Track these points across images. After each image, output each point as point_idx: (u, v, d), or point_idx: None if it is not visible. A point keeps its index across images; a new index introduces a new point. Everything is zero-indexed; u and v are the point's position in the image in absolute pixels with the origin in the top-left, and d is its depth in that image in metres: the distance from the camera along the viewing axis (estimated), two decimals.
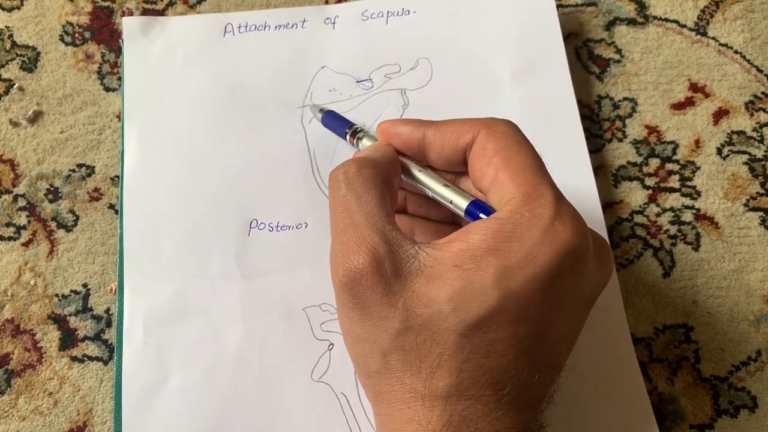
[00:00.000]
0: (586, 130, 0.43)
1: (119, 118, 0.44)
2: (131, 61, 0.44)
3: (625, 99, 0.45)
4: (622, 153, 0.44)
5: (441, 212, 0.37)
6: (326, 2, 0.47)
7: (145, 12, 0.47)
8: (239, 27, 0.45)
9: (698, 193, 0.43)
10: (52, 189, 0.42)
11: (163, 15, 0.46)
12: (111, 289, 0.40)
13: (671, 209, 0.43)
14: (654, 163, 0.44)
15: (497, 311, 0.27)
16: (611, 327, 0.39)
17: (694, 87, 0.46)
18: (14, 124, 0.44)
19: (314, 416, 0.37)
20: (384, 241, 0.29)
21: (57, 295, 0.40)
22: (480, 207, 0.31)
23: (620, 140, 0.44)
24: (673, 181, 0.44)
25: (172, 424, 0.36)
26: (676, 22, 0.47)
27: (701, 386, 0.39)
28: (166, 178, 0.41)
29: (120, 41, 0.45)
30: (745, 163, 0.44)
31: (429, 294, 0.28)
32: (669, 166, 0.44)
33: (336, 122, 0.41)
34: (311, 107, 0.43)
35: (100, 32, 0.46)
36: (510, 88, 0.44)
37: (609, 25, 0.47)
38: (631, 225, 0.43)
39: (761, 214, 0.43)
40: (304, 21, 0.46)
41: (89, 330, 0.40)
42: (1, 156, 0.43)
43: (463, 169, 0.33)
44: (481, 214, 0.31)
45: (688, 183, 0.44)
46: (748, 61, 0.46)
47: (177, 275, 0.39)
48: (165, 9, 0.47)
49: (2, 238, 0.41)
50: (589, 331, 0.33)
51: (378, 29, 0.46)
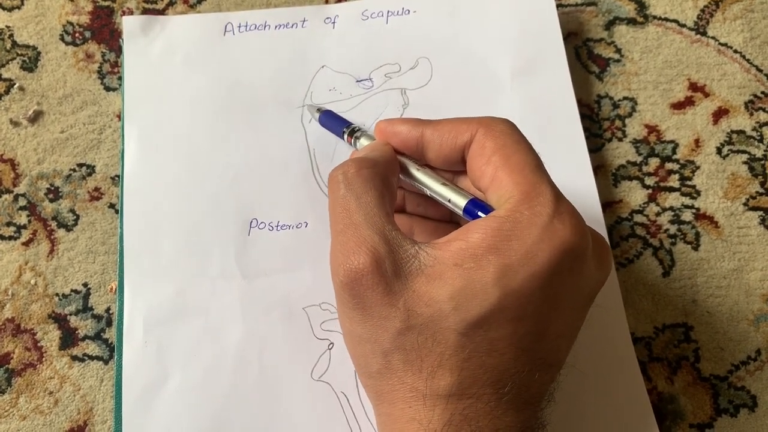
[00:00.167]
0: (585, 129, 0.43)
1: (119, 117, 0.44)
2: (131, 60, 0.44)
3: (625, 98, 0.45)
4: (621, 152, 0.44)
5: (440, 211, 0.37)
6: (326, 2, 0.47)
7: (145, 11, 0.47)
8: (239, 26, 0.45)
9: (698, 193, 0.43)
10: (52, 188, 0.42)
11: (163, 14, 0.46)
12: (111, 289, 0.40)
13: (671, 209, 0.43)
14: (654, 162, 0.44)
15: (498, 310, 0.27)
16: (611, 326, 0.39)
17: (693, 86, 0.46)
18: (15, 123, 0.44)
19: (314, 415, 0.37)
20: (384, 241, 0.29)
21: (57, 295, 0.40)
22: (478, 205, 0.31)
23: (620, 140, 0.44)
24: (673, 181, 0.44)
25: (172, 424, 0.36)
26: (675, 21, 0.47)
27: (701, 385, 0.39)
28: (167, 178, 0.41)
29: (120, 41, 0.45)
30: (744, 163, 0.44)
31: (429, 293, 0.28)
32: (669, 165, 0.44)
33: (333, 122, 0.41)
34: (308, 107, 0.43)
35: (101, 32, 0.46)
36: (510, 87, 0.44)
37: (609, 25, 0.47)
38: (631, 224, 0.43)
39: (761, 213, 0.43)
40: (304, 20, 0.46)
41: (89, 329, 0.40)
42: (2, 155, 0.43)
43: (461, 167, 0.33)
44: (480, 213, 0.31)
45: (688, 182, 0.44)
46: (748, 60, 0.46)
47: (177, 275, 0.39)
48: (165, 8, 0.47)
49: (3, 237, 0.41)
50: (589, 330, 0.33)
51: (378, 29, 0.46)
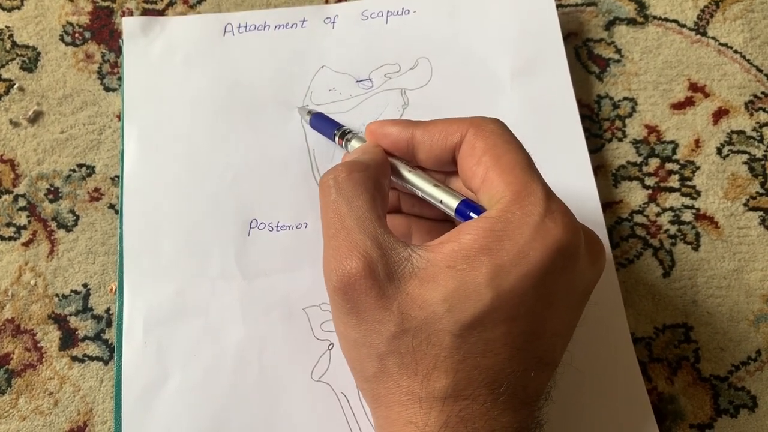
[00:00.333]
0: (585, 129, 0.43)
1: (119, 118, 0.44)
2: (131, 61, 0.44)
3: (625, 99, 0.45)
4: (621, 153, 0.44)
5: (436, 210, 0.37)
6: (326, 2, 0.47)
7: (145, 12, 0.47)
8: (239, 27, 0.45)
9: (698, 193, 0.43)
10: (52, 189, 0.42)
11: (163, 15, 0.46)
12: (111, 289, 0.40)
13: (671, 209, 0.43)
14: (654, 162, 0.44)
15: (491, 310, 0.27)
16: (611, 326, 0.39)
17: (693, 87, 0.46)
18: (14, 124, 0.44)
19: (314, 416, 0.37)
20: (376, 245, 0.29)
21: (57, 295, 0.40)
22: (470, 206, 0.31)
23: (620, 140, 0.44)
24: (673, 181, 0.44)
25: (172, 424, 0.36)
26: (675, 21, 0.47)
27: (701, 386, 0.39)
28: (166, 178, 0.41)
29: (120, 41, 0.45)
30: (744, 163, 0.44)
31: (423, 296, 0.28)
32: (669, 165, 0.44)
33: (324, 124, 0.40)
34: (299, 110, 0.43)
35: (100, 32, 0.46)
36: (510, 87, 0.44)
37: (609, 25, 0.47)
38: (631, 225, 0.43)
39: (761, 213, 0.43)
40: (303, 21, 0.46)
41: (89, 330, 0.40)
42: (2, 156, 0.43)
43: (452, 168, 0.33)
44: (472, 214, 0.31)
45: (688, 183, 0.44)
46: (748, 60, 0.46)
47: (177, 275, 0.39)
48: (165, 9, 0.47)
49: (2, 238, 0.41)
50: (589, 331, 0.33)
51: (378, 29, 0.46)
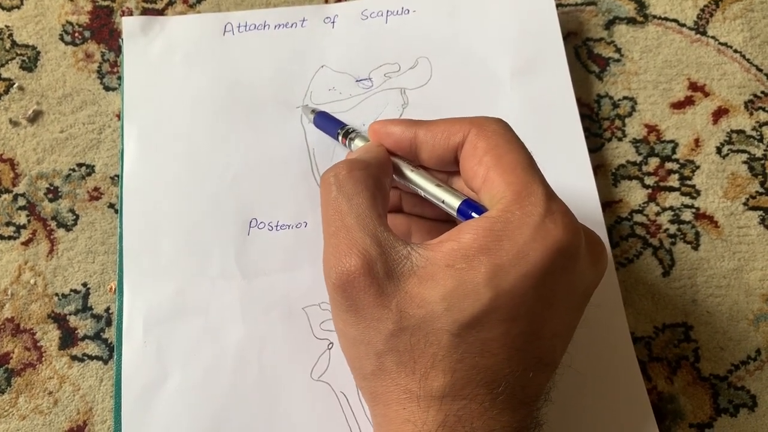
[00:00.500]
0: (585, 129, 0.43)
1: (119, 117, 0.44)
2: (131, 60, 0.44)
3: (625, 98, 0.45)
4: (621, 152, 0.44)
5: (436, 210, 0.37)
6: (326, 1, 0.47)
7: (144, 11, 0.47)
8: (239, 26, 0.45)
9: (698, 192, 0.43)
10: (51, 188, 0.42)
11: (162, 14, 0.46)
12: (111, 289, 0.40)
13: (671, 208, 0.43)
14: (653, 162, 0.44)
15: (490, 310, 0.27)
16: (611, 326, 0.39)
17: (693, 86, 0.46)
18: (14, 123, 0.44)
19: (314, 415, 0.37)
20: (375, 243, 0.29)
21: (57, 295, 0.40)
22: (472, 206, 0.31)
23: (620, 139, 0.44)
24: (673, 180, 0.44)
25: (171, 423, 0.36)
26: (675, 21, 0.47)
27: (701, 385, 0.39)
28: (166, 178, 0.41)
29: (120, 41, 0.45)
30: (744, 162, 0.44)
31: (422, 294, 0.28)
32: (668, 165, 0.44)
33: (328, 123, 0.40)
34: (303, 108, 0.43)
35: (100, 32, 0.46)
36: (510, 87, 0.44)
37: (608, 25, 0.47)
38: (631, 224, 0.43)
39: (761, 213, 0.43)
40: (303, 20, 0.46)
41: (89, 329, 0.40)
42: (1, 155, 0.43)
43: (455, 168, 0.33)
44: (473, 214, 0.31)
45: (688, 182, 0.44)
46: (748, 60, 0.46)
47: (177, 274, 0.39)
48: (165, 8, 0.47)
49: (2, 237, 0.41)
50: (588, 330, 0.33)
51: (377, 28, 0.46)
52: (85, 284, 0.40)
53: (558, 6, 0.46)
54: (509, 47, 0.45)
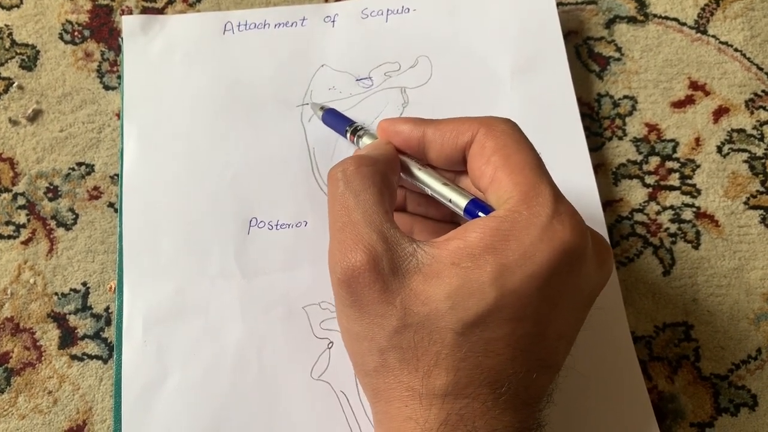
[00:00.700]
0: (586, 128, 0.43)
1: (119, 116, 0.44)
2: (131, 59, 0.44)
3: (625, 97, 0.45)
4: (622, 151, 0.44)
5: (440, 211, 0.37)
6: (326, 0, 0.47)
7: (144, 10, 0.46)
8: (239, 25, 0.45)
9: (698, 191, 0.43)
10: (51, 187, 0.42)
11: (162, 13, 0.46)
12: (110, 288, 0.40)
13: (671, 207, 0.43)
14: (654, 161, 0.44)
15: (495, 309, 0.27)
16: (611, 325, 0.39)
17: (694, 85, 0.46)
18: (14, 122, 0.44)
19: (314, 414, 0.37)
20: (382, 239, 0.29)
21: (56, 294, 0.40)
22: (479, 206, 0.31)
23: (620, 138, 0.44)
24: (673, 180, 0.43)
25: (171, 423, 0.36)
26: (676, 20, 0.47)
27: (701, 384, 0.39)
28: (166, 177, 0.41)
29: (119, 39, 0.45)
30: (745, 161, 0.44)
31: (426, 292, 0.28)
32: (669, 164, 0.44)
33: (337, 120, 0.41)
34: (312, 105, 0.43)
35: (100, 31, 0.46)
36: (510, 86, 0.44)
37: (609, 23, 0.47)
38: (631, 223, 0.42)
39: (761, 212, 0.43)
40: (303, 19, 0.46)
41: (89, 328, 0.40)
42: (1, 154, 0.43)
43: (462, 167, 0.33)
44: (480, 213, 0.31)
45: (688, 181, 0.43)
46: (749, 59, 0.46)
47: (176, 274, 0.39)
48: (164, 7, 0.47)
49: (2, 236, 0.41)
50: (588, 330, 0.33)
51: (378, 27, 0.46)
52: (84, 283, 0.40)
53: (558, 5, 0.46)
54: (509, 46, 0.45)
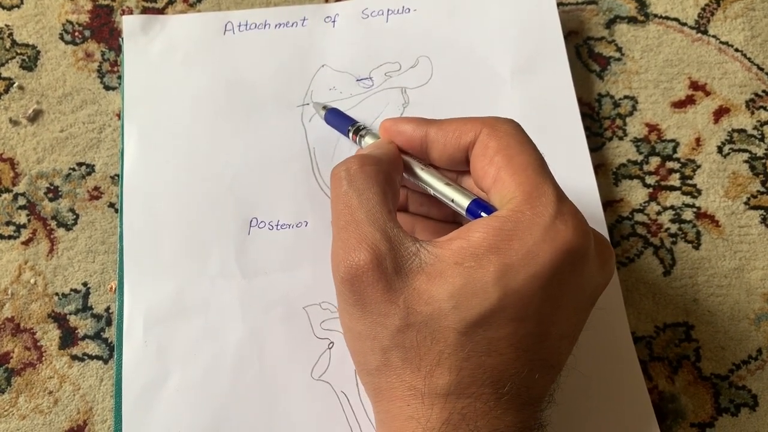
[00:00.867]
0: (586, 128, 0.43)
1: (119, 116, 0.44)
2: (131, 59, 0.44)
3: (626, 97, 0.45)
4: (622, 151, 0.44)
5: (442, 211, 0.37)
6: (326, 1, 0.47)
7: (144, 10, 0.46)
8: (239, 25, 0.45)
9: (699, 192, 0.43)
10: (52, 188, 0.42)
11: (162, 13, 0.46)
12: (111, 288, 0.40)
13: (672, 207, 0.43)
14: (654, 161, 0.44)
15: (498, 309, 0.27)
16: (612, 326, 0.39)
17: (694, 85, 0.46)
18: (14, 122, 0.44)
19: (314, 415, 0.37)
20: (385, 239, 0.29)
21: (57, 294, 0.40)
22: (481, 206, 0.31)
23: (621, 138, 0.44)
24: (674, 180, 0.43)
25: (172, 423, 0.36)
26: (676, 20, 0.47)
27: (702, 385, 0.39)
28: (166, 177, 0.41)
29: (120, 40, 0.45)
30: (745, 162, 0.44)
31: (429, 291, 0.28)
32: (669, 164, 0.44)
33: (339, 120, 0.41)
34: (314, 104, 0.43)
35: (100, 31, 0.46)
36: (510, 86, 0.44)
37: (609, 24, 0.47)
38: (632, 223, 0.42)
39: (762, 212, 0.43)
40: (304, 19, 0.46)
41: (89, 329, 0.40)
42: (1, 155, 0.43)
43: (465, 167, 0.33)
44: (483, 213, 0.31)
45: (689, 181, 0.43)
46: (749, 59, 0.46)
47: (177, 274, 0.39)
48: (165, 7, 0.47)
49: (2, 236, 0.41)
50: (589, 330, 0.33)
51: (378, 27, 0.46)
52: (85, 284, 0.40)
53: (559, 5, 0.46)
54: (510, 46, 0.45)
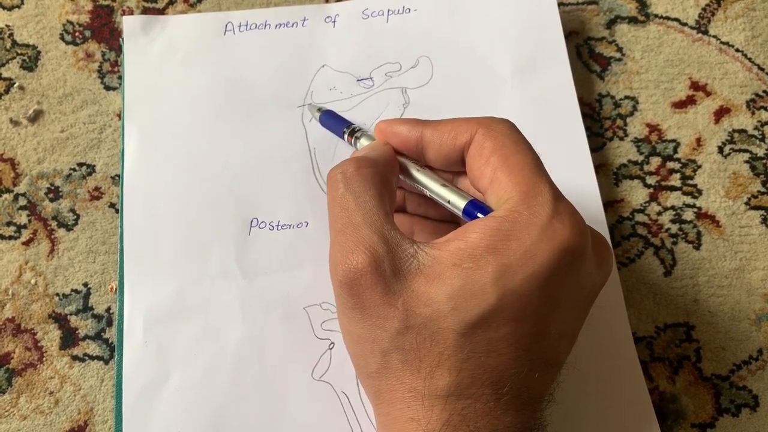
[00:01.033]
0: (587, 128, 0.43)
1: (119, 117, 0.44)
2: (131, 59, 0.44)
3: (626, 97, 0.45)
4: (623, 151, 0.44)
5: (440, 211, 0.37)
6: (326, 1, 0.47)
7: (145, 11, 0.46)
8: (239, 26, 0.45)
9: (699, 192, 0.43)
10: (52, 188, 0.42)
11: (163, 14, 0.46)
12: (111, 288, 0.40)
13: (672, 208, 0.43)
14: (655, 161, 0.44)
15: (496, 310, 0.27)
16: (612, 326, 0.39)
17: (695, 85, 0.46)
18: (15, 123, 0.44)
19: (315, 415, 0.37)
20: (383, 241, 0.29)
21: (58, 294, 0.40)
22: (478, 207, 0.31)
23: (621, 139, 0.44)
24: (674, 180, 0.43)
25: (172, 423, 0.36)
26: (677, 20, 0.47)
27: (702, 385, 0.39)
28: (167, 177, 0.41)
29: (120, 40, 0.45)
30: (746, 162, 0.44)
31: (428, 293, 0.28)
32: (670, 164, 0.44)
33: (334, 122, 0.40)
34: (309, 107, 0.43)
35: (101, 31, 0.46)
36: (511, 86, 0.44)
37: (610, 24, 0.47)
38: (632, 224, 0.42)
39: (762, 212, 0.43)
40: (304, 19, 0.46)
41: (90, 329, 0.40)
42: (2, 155, 0.43)
43: (461, 168, 0.33)
44: (479, 214, 0.31)
45: (689, 181, 0.43)
46: (750, 59, 0.46)
47: (177, 274, 0.39)
48: (165, 8, 0.47)
49: (3, 237, 0.41)
50: (590, 330, 0.33)
51: (378, 27, 0.46)
52: (85, 284, 0.40)
53: (559, 5, 0.46)
54: (510, 46, 0.45)
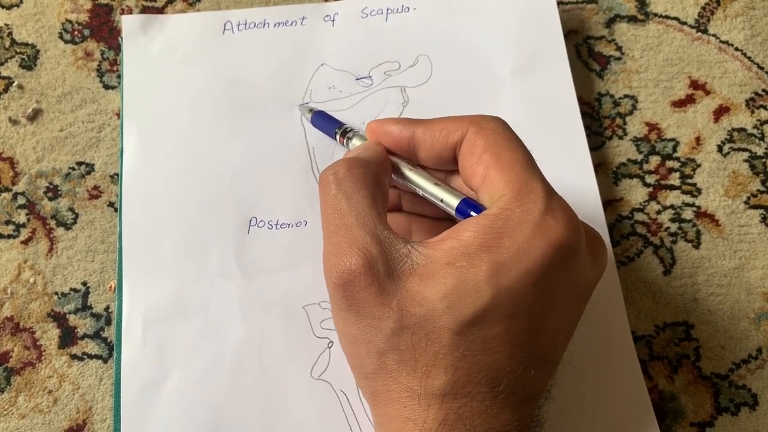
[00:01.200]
0: (586, 127, 0.43)
1: (118, 115, 0.44)
2: (131, 58, 0.44)
3: (626, 96, 0.45)
4: (622, 150, 0.44)
5: (436, 209, 0.37)
6: (326, 0, 0.47)
7: (144, 10, 0.46)
8: (238, 24, 0.45)
9: (699, 191, 0.43)
10: (51, 187, 0.42)
11: (162, 12, 0.46)
12: (110, 287, 0.40)
13: (672, 207, 0.43)
14: (654, 160, 0.44)
15: (491, 308, 0.27)
16: (611, 325, 0.39)
17: (694, 84, 0.46)
18: (13, 122, 0.44)
19: (314, 414, 0.37)
20: (376, 242, 0.29)
21: (56, 293, 0.40)
22: (471, 205, 0.31)
23: (621, 138, 0.44)
24: (674, 179, 0.43)
25: (171, 422, 0.36)
26: (676, 19, 0.47)
27: (702, 384, 0.39)
28: (166, 176, 0.41)
29: (119, 39, 0.45)
30: (745, 161, 0.44)
31: (422, 293, 0.28)
32: (669, 163, 0.44)
33: (325, 122, 0.40)
34: (300, 107, 0.43)
35: (100, 30, 0.46)
36: (510, 85, 0.44)
37: (609, 23, 0.47)
38: (632, 222, 0.42)
39: (762, 211, 0.43)
40: (303, 18, 0.45)
41: (89, 328, 0.40)
42: (1, 154, 0.43)
43: (453, 167, 0.33)
44: (472, 212, 0.31)
45: (689, 180, 0.43)
46: (749, 58, 0.46)
47: (176, 273, 0.39)
48: (164, 7, 0.47)
49: (2, 236, 0.41)
50: (589, 329, 0.33)
51: (377, 26, 0.45)
52: (84, 283, 0.40)
53: (559, 4, 0.46)
54: (510, 45, 0.45)
